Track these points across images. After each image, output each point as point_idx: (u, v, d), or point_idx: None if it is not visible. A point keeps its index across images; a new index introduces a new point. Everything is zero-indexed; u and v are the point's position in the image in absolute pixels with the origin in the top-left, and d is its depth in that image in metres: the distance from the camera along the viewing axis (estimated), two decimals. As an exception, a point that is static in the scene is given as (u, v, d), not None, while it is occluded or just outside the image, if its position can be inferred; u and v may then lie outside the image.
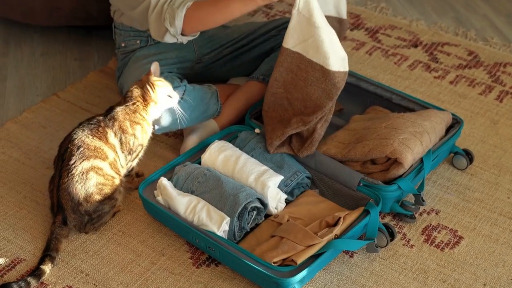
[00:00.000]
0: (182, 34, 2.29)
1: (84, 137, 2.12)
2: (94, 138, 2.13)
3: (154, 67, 2.24)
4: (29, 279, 2.01)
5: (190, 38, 2.34)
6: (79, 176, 2.09)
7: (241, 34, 2.64)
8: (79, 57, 2.98)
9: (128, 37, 2.51)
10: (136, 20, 2.43)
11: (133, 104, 2.19)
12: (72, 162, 2.09)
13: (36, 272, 2.02)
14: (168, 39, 2.29)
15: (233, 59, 2.64)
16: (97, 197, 2.12)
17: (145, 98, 2.20)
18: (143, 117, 2.21)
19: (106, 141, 2.14)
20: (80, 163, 2.09)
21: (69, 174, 2.09)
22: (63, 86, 2.82)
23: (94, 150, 2.12)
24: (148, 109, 2.21)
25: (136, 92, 2.20)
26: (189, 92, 2.36)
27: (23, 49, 3.02)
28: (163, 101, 2.22)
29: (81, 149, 2.11)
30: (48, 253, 2.07)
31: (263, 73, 2.53)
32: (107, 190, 2.14)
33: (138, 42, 2.51)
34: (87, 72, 2.88)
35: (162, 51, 2.51)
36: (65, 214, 2.11)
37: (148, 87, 2.18)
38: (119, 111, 2.18)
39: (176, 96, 2.24)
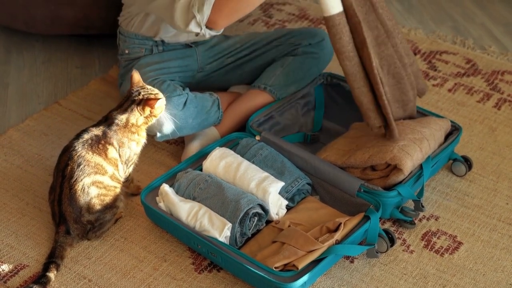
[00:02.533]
0: (208, 27, 2.26)
1: (84, 153, 2.13)
2: (94, 154, 2.14)
3: (136, 76, 2.23)
4: (34, 286, 2.02)
5: (214, 33, 2.30)
6: (81, 191, 2.11)
7: (243, 44, 2.66)
8: (80, 65, 3.00)
9: (133, 44, 2.53)
10: (148, 20, 2.43)
11: (134, 128, 2.21)
12: (73, 179, 2.11)
13: (42, 280, 2.03)
14: (193, 27, 2.24)
15: (235, 68, 2.66)
16: (99, 207, 2.14)
17: (146, 122, 2.22)
18: (141, 135, 2.23)
19: (106, 156, 2.15)
20: (81, 180, 2.11)
21: (71, 190, 2.11)
22: (64, 94, 2.84)
23: (94, 167, 2.13)
24: (147, 126, 2.24)
25: (139, 120, 2.20)
26: (191, 100, 2.38)
27: (25, 57, 3.04)
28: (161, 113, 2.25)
29: (82, 166, 2.11)
30: (53, 259, 2.08)
31: (264, 82, 2.55)
32: (108, 200, 2.16)
33: (142, 50, 2.53)
34: (88, 80, 2.90)
35: (165, 60, 2.52)
36: (67, 225, 2.13)
37: (150, 112, 2.19)
38: (118, 129, 2.18)
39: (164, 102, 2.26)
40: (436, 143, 2.36)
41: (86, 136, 2.16)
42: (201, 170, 2.31)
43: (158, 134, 2.36)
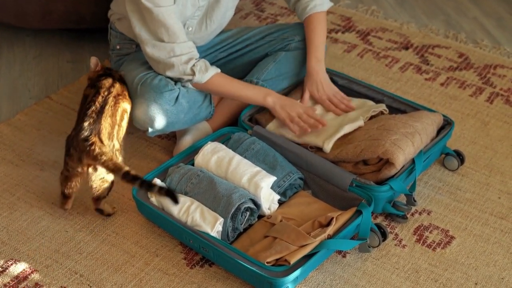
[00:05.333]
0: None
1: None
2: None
3: (94, 61, 2.31)
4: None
5: (197, 90, 2.41)
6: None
7: (236, 38, 2.65)
8: (71, 59, 2.99)
9: (124, 40, 2.52)
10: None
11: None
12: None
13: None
14: (185, 81, 2.37)
15: (227, 63, 2.65)
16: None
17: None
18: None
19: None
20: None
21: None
22: (56, 89, 2.83)
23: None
24: None
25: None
26: (183, 95, 2.37)
27: (16, 52, 3.03)
28: None
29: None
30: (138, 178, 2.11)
31: (257, 76, 2.54)
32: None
33: (134, 46, 2.52)
34: (80, 75, 2.89)
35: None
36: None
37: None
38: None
39: None
40: (428, 137, 2.36)
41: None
42: (193, 164, 2.31)
43: (150, 129, 2.35)
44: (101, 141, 2.14)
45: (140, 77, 2.37)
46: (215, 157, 2.27)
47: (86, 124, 2.15)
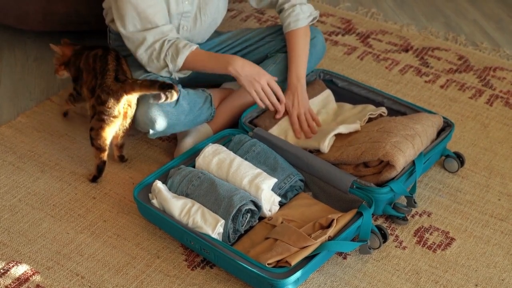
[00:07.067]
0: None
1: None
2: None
3: (54, 47, 2.50)
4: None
5: (182, 75, 2.45)
6: None
7: (236, 40, 2.65)
8: (72, 62, 2.99)
9: (123, 42, 2.52)
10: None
11: None
12: None
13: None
14: (164, 74, 2.40)
15: (227, 65, 2.65)
16: None
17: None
18: None
19: None
20: None
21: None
22: (56, 91, 2.83)
23: None
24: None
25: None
26: (184, 97, 2.38)
27: (17, 54, 3.03)
28: None
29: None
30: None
31: (256, 78, 2.55)
32: None
33: (133, 48, 2.53)
34: (80, 77, 2.89)
35: (156, 56, 2.52)
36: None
37: None
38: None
39: None
40: (429, 140, 2.37)
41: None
42: (194, 166, 2.31)
43: (151, 131, 2.35)
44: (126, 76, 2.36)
45: (141, 79, 2.37)
46: (216, 159, 2.28)
47: (110, 68, 2.34)
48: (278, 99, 2.44)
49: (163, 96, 2.24)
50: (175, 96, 2.25)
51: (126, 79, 2.32)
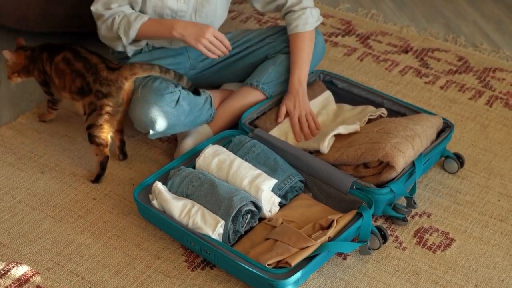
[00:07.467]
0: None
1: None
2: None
3: (6, 55, 2.48)
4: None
5: (134, 48, 2.47)
6: None
7: (236, 41, 2.65)
8: (72, 63, 2.98)
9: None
10: None
11: None
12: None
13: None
14: (119, 48, 2.45)
15: (227, 66, 2.66)
16: None
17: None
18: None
19: None
20: None
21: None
22: (56, 92, 2.83)
23: None
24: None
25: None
26: (184, 98, 2.38)
27: (17, 55, 3.03)
28: None
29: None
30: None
31: (257, 79, 2.55)
32: None
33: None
34: (80, 78, 2.89)
35: (156, 58, 2.52)
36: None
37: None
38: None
39: None
40: (428, 140, 2.37)
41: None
42: (194, 167, 2.32)
43: (151, 132, 2.36)
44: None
45: (140, 79, 2.38)
46: (216, 160, 2.28)
47: (95, 62, 2.35)
48: (225, 46, 2.43)
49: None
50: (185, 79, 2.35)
51: (119, 66, 2.34)
